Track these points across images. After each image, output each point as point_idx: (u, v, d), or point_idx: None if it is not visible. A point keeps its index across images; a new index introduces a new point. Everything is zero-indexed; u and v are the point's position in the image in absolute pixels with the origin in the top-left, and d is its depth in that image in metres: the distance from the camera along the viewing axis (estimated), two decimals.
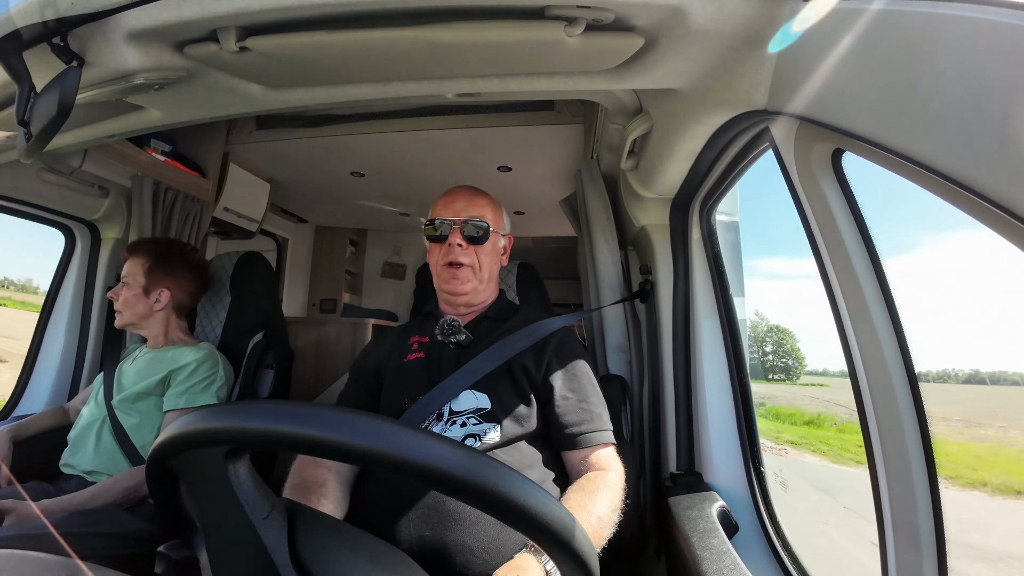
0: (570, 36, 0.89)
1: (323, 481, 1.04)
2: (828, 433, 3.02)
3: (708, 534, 1.05)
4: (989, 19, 0.46)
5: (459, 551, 0.94)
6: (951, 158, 0.49)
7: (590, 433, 1.14)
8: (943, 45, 0.51)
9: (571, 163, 2.44)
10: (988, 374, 1.40)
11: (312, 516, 0.62)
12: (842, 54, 0.65)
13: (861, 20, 0.61)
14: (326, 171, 2.80)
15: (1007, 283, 0.77)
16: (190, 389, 1.58)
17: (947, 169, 0.50)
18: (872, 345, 0.76)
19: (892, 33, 0.57)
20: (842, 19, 0.64)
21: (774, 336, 3.35)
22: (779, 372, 3.37)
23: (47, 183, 1.80)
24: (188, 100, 1.22)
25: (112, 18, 0.89)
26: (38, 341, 2.06)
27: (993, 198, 0.46)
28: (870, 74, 0.60)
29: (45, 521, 1.24)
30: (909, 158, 0.54)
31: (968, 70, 0.48)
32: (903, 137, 0.55)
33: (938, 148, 0.51)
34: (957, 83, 0.49)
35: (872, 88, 0.60)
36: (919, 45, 0.53)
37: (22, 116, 0.90)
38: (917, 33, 0.53)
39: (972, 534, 1.04)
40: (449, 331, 1.27)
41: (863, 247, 0.78)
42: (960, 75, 0.49)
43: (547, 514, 0.51)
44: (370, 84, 1.16)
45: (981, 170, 0.47)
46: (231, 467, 0.54)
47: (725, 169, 1.22)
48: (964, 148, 0.48)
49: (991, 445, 1.67)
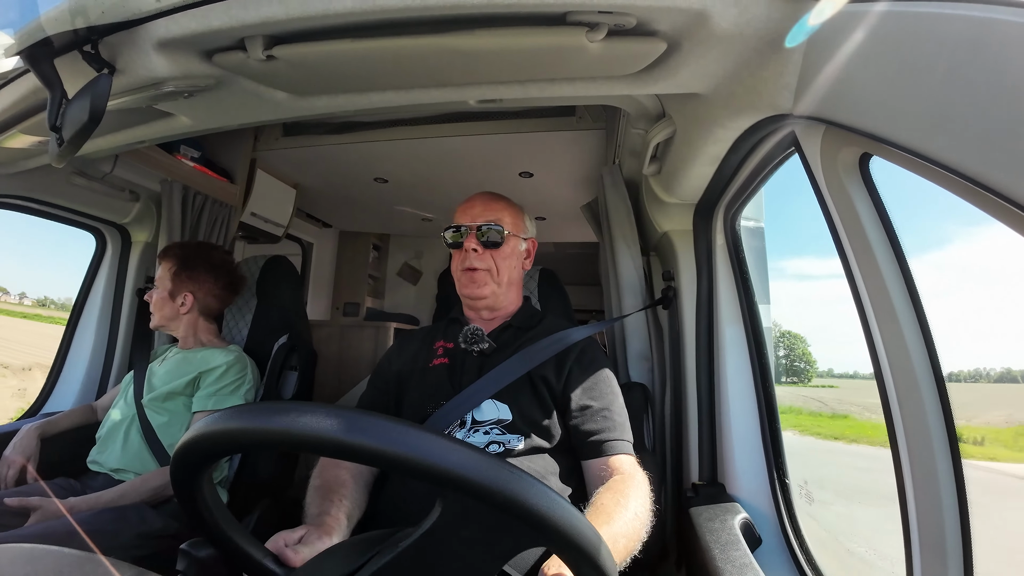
0: (592, 41, 0.88)
1: (343, 482, 1.04)
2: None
3: (730, 546, 1.03)
4: (1021, 22, 0.45)
5: None
6: (983, 163, 0.48)
7: (613, 441, 1.13)
8: (974, 47, 0.49)
9: (593, 168, 2.44)
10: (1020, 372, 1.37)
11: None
12: (868, 56, 0.63)
13: (887, 22, 0.59)
14: (351, 177, 2.84)
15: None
16: (219, 391, 1.61)
17: (979, 174, 0.48)
18: (900, 350, 0.74)
19: (921, 35, 0.55)
20: (868, 21, 0.63)
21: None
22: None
23: (78, 187, 1.85)
24: (216, 107, 1.25)
25: (142, 27, 0.92)
26: (68, 340, 2.11)
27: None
28: (898, 77, 0.59)
29: (70, 518, 1.27)
30: (939, 163, 0.53)
31: (1001, 73, 0.46)
32: (933, 141, 0.54)
33: (970, 153, 0.49)
34: (989, 86, 0.47)
35: (900, 91, 0.58)
36: (949, 47, 0.52)
37: (54, 122, 0.92)
38: (947, 35, 0.52)
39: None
40: (472, 340, 1.27)
41: (891, 252, 0.76)
42: (993, 78, 0.47)
43: (572, 528, 0.50)
44: (394, 91, 1.17)
45: (1015, 176, 0.45)
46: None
47: (750, 174, 1.20)
48: (997, 153, 0.46)
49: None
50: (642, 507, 0.98)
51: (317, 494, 1.01)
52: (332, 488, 1.02)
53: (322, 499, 0.98)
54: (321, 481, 1.04)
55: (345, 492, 1.02)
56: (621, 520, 0.92)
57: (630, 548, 0.90)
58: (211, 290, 1.79)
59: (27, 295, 26.62)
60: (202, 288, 1.77)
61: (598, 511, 0.93)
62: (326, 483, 1.03)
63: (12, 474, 1.51)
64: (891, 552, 1.06)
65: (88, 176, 1.87)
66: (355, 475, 1.08)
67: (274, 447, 0.52)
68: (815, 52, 0.75)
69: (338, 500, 0.99)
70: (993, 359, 1.31)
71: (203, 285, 1.77)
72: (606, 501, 0.96)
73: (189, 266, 1.76)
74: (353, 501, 1.02)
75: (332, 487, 1.02)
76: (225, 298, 1.86)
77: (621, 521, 0.91)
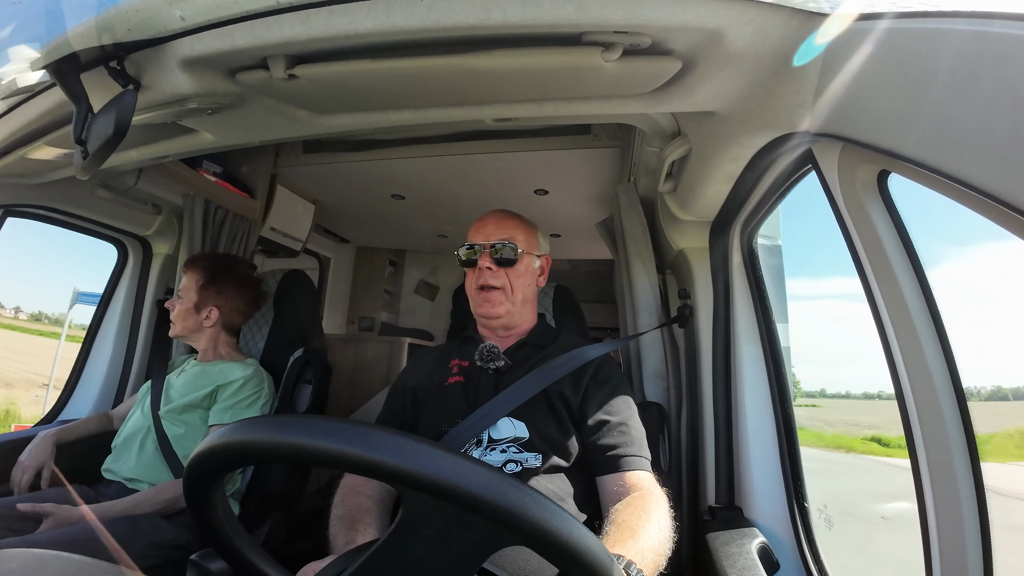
0: (607, 61, 0.89)
1: (367, 509, 1.04)
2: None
3: (747, 572, 1.01)
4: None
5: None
6: (1002, 179, 0.47)
7: (631, 457, 1.11)
8: (989, 63, 0.49)
9: (608, 186, 2.44)
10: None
11: None
12: (884, 73, 0.63)
13: (902, 38, 0.59)
14: (368, 193, 2.88)
15: None
16: (236, 405, 1.62)
17: (999, 191, 0.47)
18: (920, 367, 0.73)
19: (935, 51, 0.55)
20: (882, 38, 0.63)
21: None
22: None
23: (102, 199, 1.90)
24: (239, 124, 1.28)
25: (167, 45, 0.94)
26: (87, 349, 2.15)
27: None
28: (914, 93, 0.58)
29: (96, 523, 1.27)
30: (959, 180, 0.52)
31: (1018, 88, 0.46)
32: (952, 158, 0.53)
33: (990, 169, 0.48)
34: (1004, 101, 0.47)
35: (917, 107, 0.58)
36: (964, 63, 0.51)
37: (79, 135, 0.95)
38: (962, 51, 0.51)
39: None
40: (488, 357, 1.27)
41: (911, 269, 0.75)
42: (1008, 93, 0.46)
43: (589, 554, 0.50)
44: (412, 110, 1.19)
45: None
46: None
47: (766, 192, 1.20)
48: (1016, 168, 0.46)
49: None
50: (665, 522, 0.95)
51: (341, 524, 1.00)
52: (356, 517, 1.01)
53: (347, 529, 0.97)
54: (344, 511, 1.03)
55: (369, 520, 1.01)
56: (646, 534, 0.88)
57: (658, 564, 0.87)
58: (237, 306, 1.80)
59: (22, 309, 27.41)
60: (228, 303, 1.78)
61: (621, 527, 0.90)
62: (349, 512, 1.03)
63: (27, 479, 1.53)
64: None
65: (112, 188, 1.91)
66: (377, 501, 1.08)
67: (286, 461, 0.52)
68: (830, 69, 0.75)
69: (363, 528, 0.98)
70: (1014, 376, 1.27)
71: (230, 300, 1.78)
72: (628, 517, 0.93)
73: (218, 281, 1.77)
74: (378, 528, 1.01)
75: (356, 516, 1.01)
76: (249, 313, 1.87)
77: (647, 535, 0.88)
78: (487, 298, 1.32)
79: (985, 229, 0.52)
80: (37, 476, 1.55)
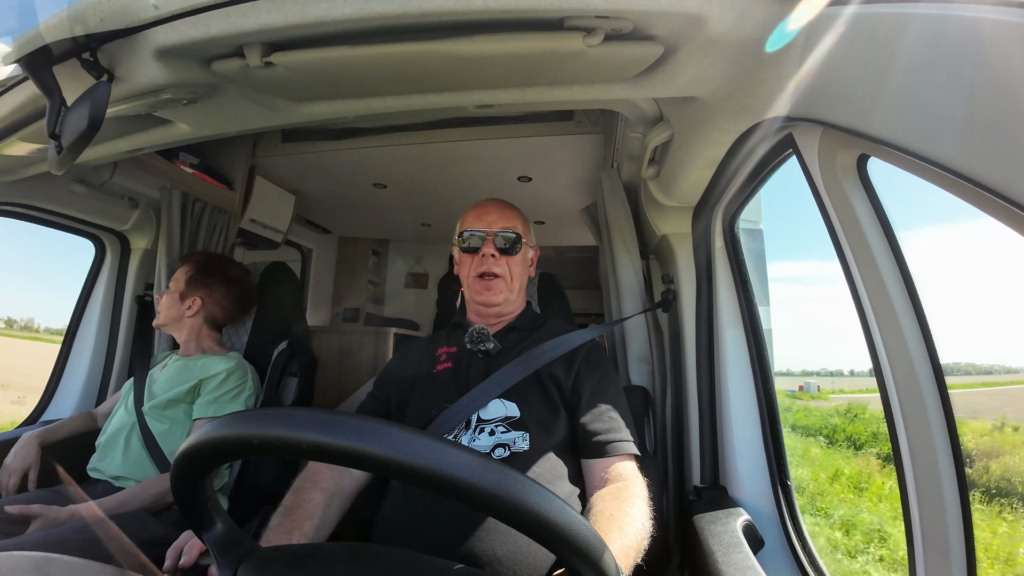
0: (589, 46, 0.89)
1: (313, 509, 1.03)
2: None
3: (732, 549, 1.03)
4: (1015, 21, 0.45)
5: (488, 562, 0.93)
6: (980, 162, 0.48)
7: (617, 443, 1.13)
8: (969, 47, 0.49)
9: (591, 172, 2.44)
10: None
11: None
12: (865, 58, 0.64)
13: (882, 23, 0.60)
14: (350, 183, 2.85)
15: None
16: (220, 398, 1.61)
17: (976, 174, 0.48)
18: (900, 349, 0.75)
19: (916, 36, 0.56)
20: (863, 23, 0.63)
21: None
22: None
23: (78, 194, 1.85)
24: (215, 114, 1.25)
25: (140, 34, 0.92)
26: (67, 347, 2.11)
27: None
28: (894, 78, 0.59)
29: (97, 520, 1.26)
30: (937, 163, 0.53)
31: (996, 72, 0.47)
32: (930, 142, 0.54)
33: (967, 152, 0.49)
34: (984, 85, 0.47)
35: (896, 92, 0.59)
36: (944, 47, 0.52)
37: (53, 129, 0.92)
38: (941, 36, 0.52)
39: None
40: (478, 339, 1.28)
41: (890, 252, 0.77)
42: (987, 77, 0.47)
43: (577, 532, 0.51)
44: (392, 97, 1.17)
45: (1012, 174, 0.45)
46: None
47: (748, 176, 1.21)
48: (994, 152, 0.47)
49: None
50: (646, 517, 0.98)
51: (283, 515, 1.00)
52: (299, 515, 1.01)
53: (285, 520, 0.98)
54: (292, 501, 1.03)
55: (308, 526, 1.00)
56: (631, 532, 0.91)
57: (636, 560, 0.90)
58: (220, 300, 1.80)
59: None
60: (213, 296, 1.79)
61: (609, 522, 0.92)
62: (296, 505, 1.03)
63: (13, 482, 1.51)
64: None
65: (87, 183, 1.87)
66: (332, 494, 1.07)
67: (275, 454, 0.52)
68: (811, 55, 0.76)
69: (297, 530, 0.98)
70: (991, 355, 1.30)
71: (214, 294, 1.79)
72: (615, 511, 0.96)
73: (206, 273, 1.79)
74: (313, 528, 1.00)
75: (300, 513, 1.01)
76: (233, 313, 1.87)
77: (631, 533, 0.91)
78: (488, 286, 1.33)
79: (963, 211, 0.53)
80: (24, 478, 1.53)
